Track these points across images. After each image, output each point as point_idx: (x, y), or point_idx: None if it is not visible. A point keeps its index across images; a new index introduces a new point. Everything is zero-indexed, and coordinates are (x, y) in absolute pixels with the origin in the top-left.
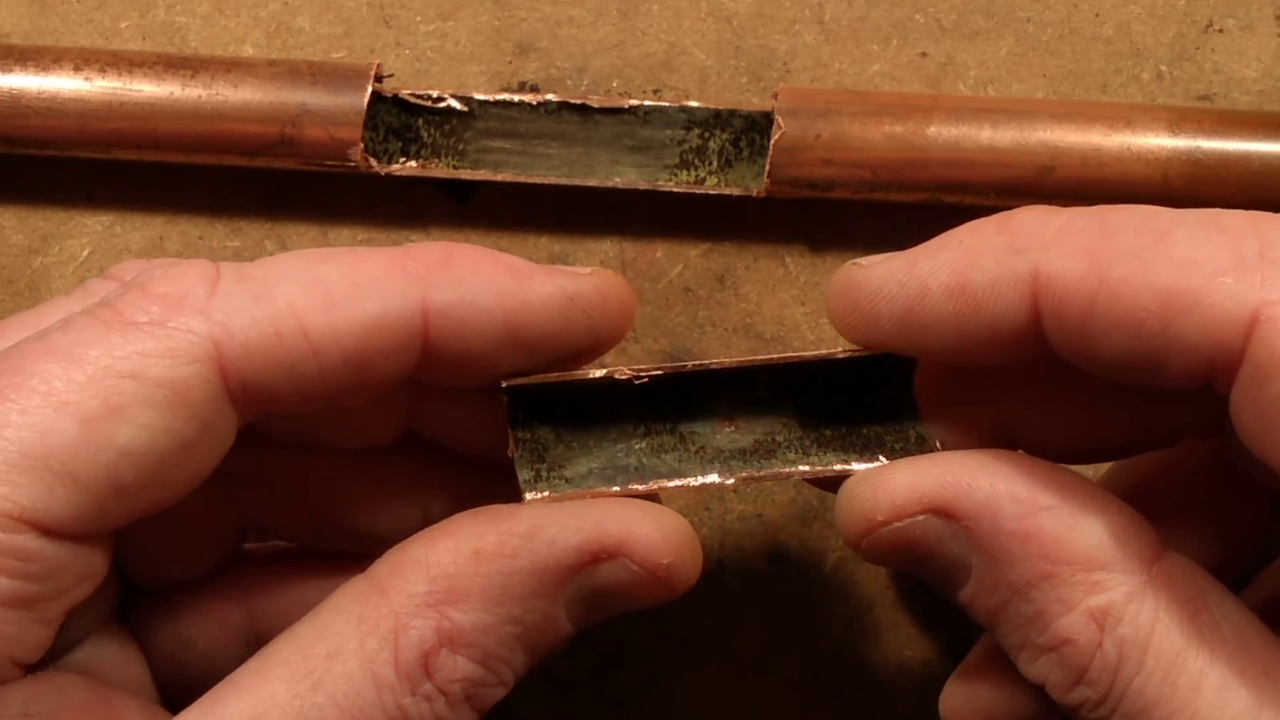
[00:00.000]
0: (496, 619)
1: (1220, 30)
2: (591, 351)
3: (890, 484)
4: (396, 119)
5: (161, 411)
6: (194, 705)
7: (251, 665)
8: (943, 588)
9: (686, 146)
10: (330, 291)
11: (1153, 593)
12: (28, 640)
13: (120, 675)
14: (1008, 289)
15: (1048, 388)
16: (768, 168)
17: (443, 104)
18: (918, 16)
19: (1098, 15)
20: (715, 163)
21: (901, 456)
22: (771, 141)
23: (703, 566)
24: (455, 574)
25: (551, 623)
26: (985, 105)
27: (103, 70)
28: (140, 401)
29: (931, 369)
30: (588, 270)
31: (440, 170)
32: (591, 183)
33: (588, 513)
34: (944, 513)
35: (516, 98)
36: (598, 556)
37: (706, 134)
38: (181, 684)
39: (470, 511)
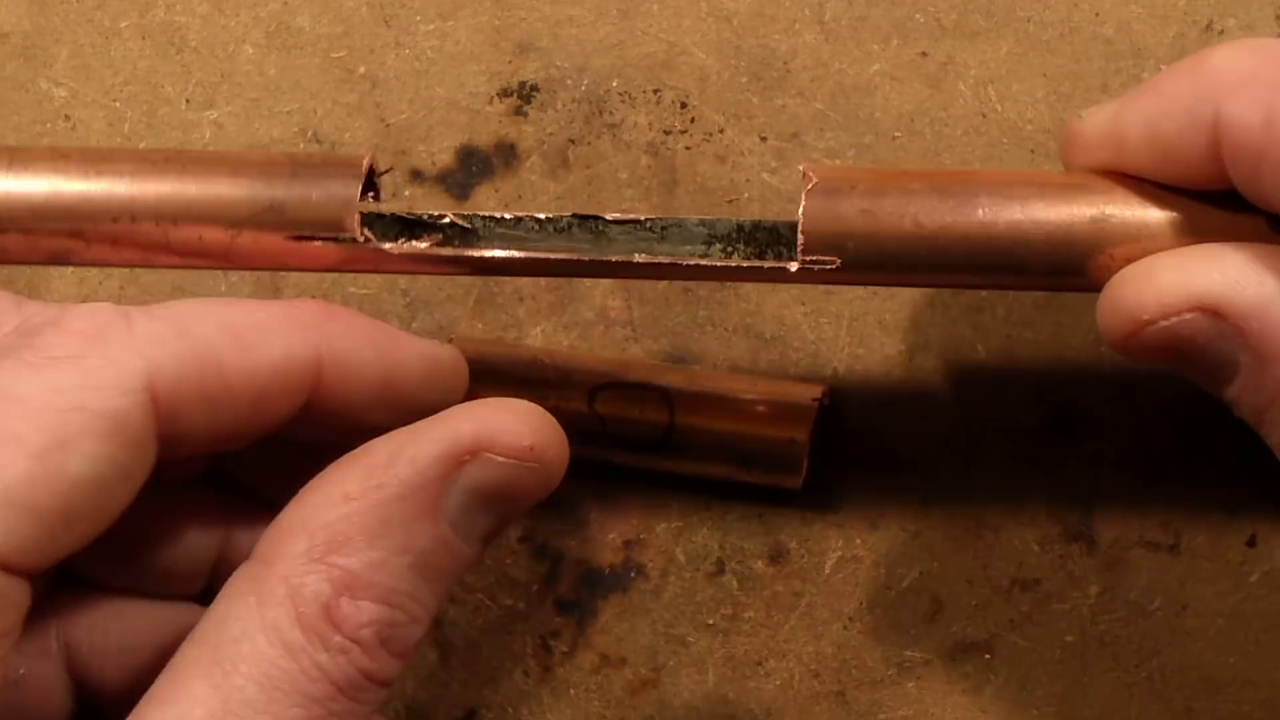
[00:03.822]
0: (385, 553)
1: (1220, 31)
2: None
3: (1157, 282)
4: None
5: (106, 442)
6: None
7: (166, 675)
8: (1209, 385)
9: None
10: (241, 334)
11: None
12: None
13: None
14: (1194, 136)
15: None
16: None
17: (444, 220)
18: (918, 16)
19: (1098, 15)
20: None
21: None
22: (798, 249)
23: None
24: (332, 521)
25: (444, 544)
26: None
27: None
28: (86, 433)
29: None
30: (436, 342)
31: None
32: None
33: (441, 422)
34: (1211, 311)
35: (523, 215)
36: (460, 459)
37: (729, 248)
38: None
39: (331, 465)
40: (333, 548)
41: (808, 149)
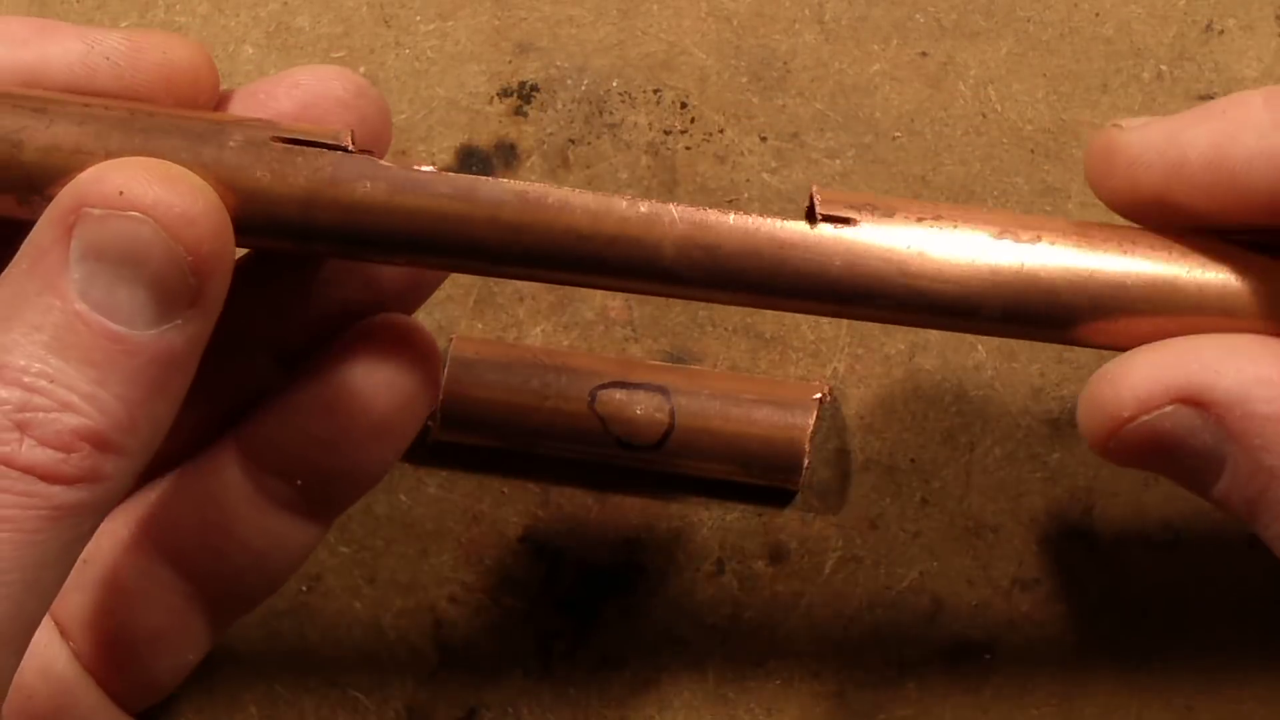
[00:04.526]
0: (17, 334)
1: (1220, 31)
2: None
3: (1131, 376)
4: None
5: None
6: None
7: None
8: (1197, 487)
9: None
10: None
11: None
12: None
13: None
14: (1267, 164)
15: None
16: None
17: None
18: (918, 16)
19: (1098, 15)
20: None
21: None
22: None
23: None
24: None
25: (80, 320)
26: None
27: None
28: None
29: None
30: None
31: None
32: None
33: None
34: (1192, 401)
35: None
36: (68, 222)
37: None
38: None
39: None
40: None
41: (808, 149)
